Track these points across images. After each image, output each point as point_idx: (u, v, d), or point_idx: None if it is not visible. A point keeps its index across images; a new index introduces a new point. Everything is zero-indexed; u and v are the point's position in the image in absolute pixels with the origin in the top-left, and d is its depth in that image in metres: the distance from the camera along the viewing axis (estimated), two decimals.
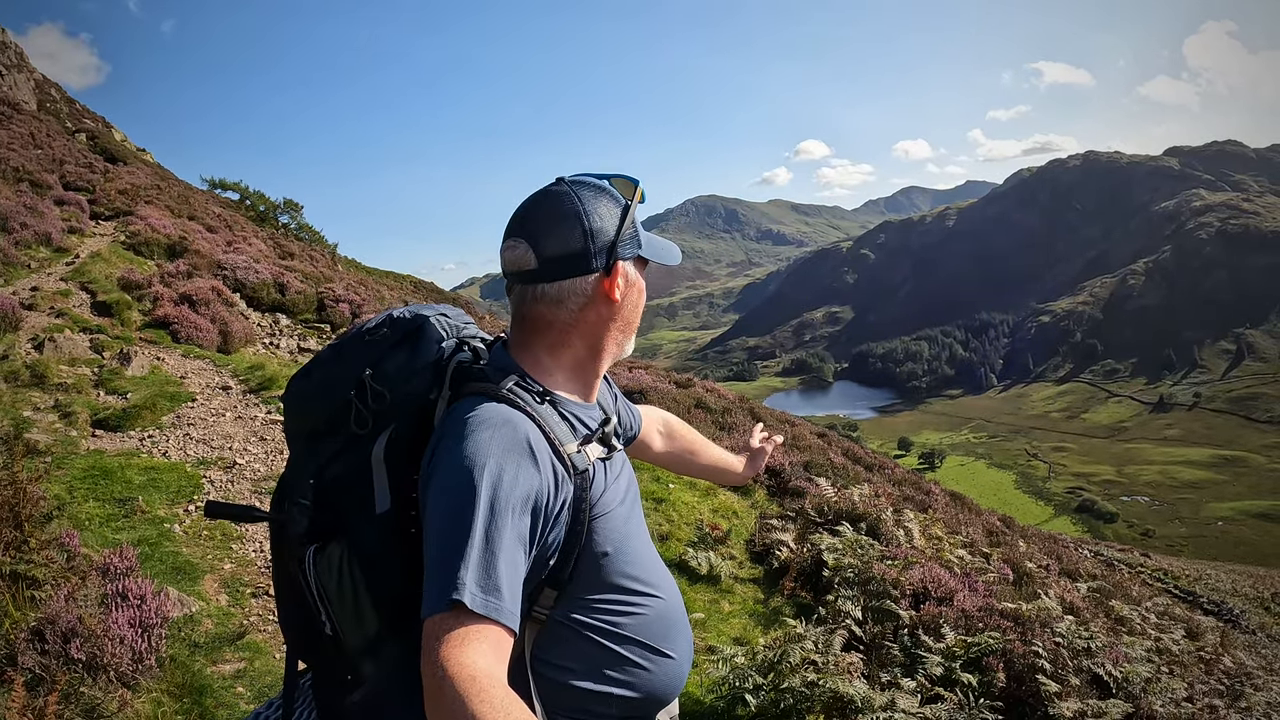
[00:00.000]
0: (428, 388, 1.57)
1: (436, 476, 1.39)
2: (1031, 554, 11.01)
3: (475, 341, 1.68)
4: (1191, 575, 29.56)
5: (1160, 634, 8.57)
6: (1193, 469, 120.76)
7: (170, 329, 11.26)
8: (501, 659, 1.24)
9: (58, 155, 24.24)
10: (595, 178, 1.62)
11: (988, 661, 5.03)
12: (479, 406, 1.48)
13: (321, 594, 1.46)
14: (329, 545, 1.48)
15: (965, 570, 7.11)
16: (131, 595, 3.65)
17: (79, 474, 5.95)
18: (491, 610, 1.25)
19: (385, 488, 1.48)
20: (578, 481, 1.52)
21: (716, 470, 2.46)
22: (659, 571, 1.75)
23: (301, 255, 25.06)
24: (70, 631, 3.27)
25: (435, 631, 1.22)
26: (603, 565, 1.57)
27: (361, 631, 1.45)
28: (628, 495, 1.71)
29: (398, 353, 1.57)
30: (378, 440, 1.50)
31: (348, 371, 1.55)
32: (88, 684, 3.20)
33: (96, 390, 8.19)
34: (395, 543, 1.46)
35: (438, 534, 1.32)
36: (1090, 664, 5.44)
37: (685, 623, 1.80)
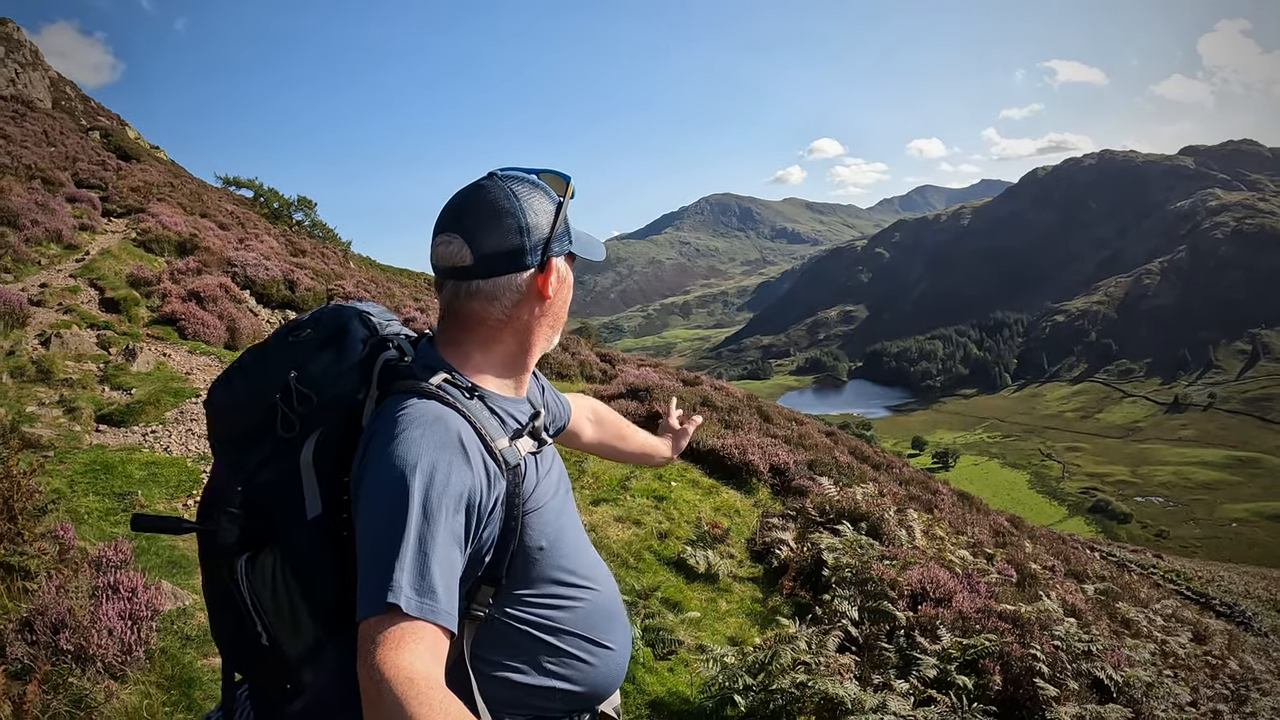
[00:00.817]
0: (355, 388, 1.54)
1: (367, 477, 1.37)
2: (1037, 555, 10.97)
3: (400, 340, 1.66)
4: (1204, 577, 29.43)
5: (1167, 637, 8.55)
6: (1207, 470, 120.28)
7: (177, 325, 11.32)
8: (439, 660, 1.23)
9: (71, 153, 24.39)
10: (525, 172, 1.62)
11: (984, 664, 5.00)
12: (408, 404, 1.46)
13: (256, 604, 1.43)
14: (261, 554, 1.45)
15: (967, 571, 7.07)
16: (123, 588, 3.67)
17: (80, 468, 6.00)
18: (427, 612, 1.23)
19: (316, 492, 1.45)
20: (510, 477, 1.51)
21: (643, 454, 2.47)
22: (594, 564, 1.75)
23: (313, 253, 25.15)
24: (60, 623, 3.30)
25: (370, 634, 1.20)
26: (538, 560, 1.56)
27: (299, 640, 1.43)
28: (559, 488, 1.70)
29: (323, 354, 1.54)
30: (305, 444, 1.47)
31: (272, 375, 1.52)
32: (76, 675, 3.23)
33: (101, 386, 8.24)
34: (329, 548, 1.43)
35: (371, 536, 1.31)
36: (1091, 668, 5.41)
37: (622, 614, 1.80)
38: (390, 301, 18.93)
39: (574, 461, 8.68)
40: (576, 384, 14.75)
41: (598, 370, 16.31)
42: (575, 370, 15.94)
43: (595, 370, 16.25)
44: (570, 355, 16.76)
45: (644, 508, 7.74)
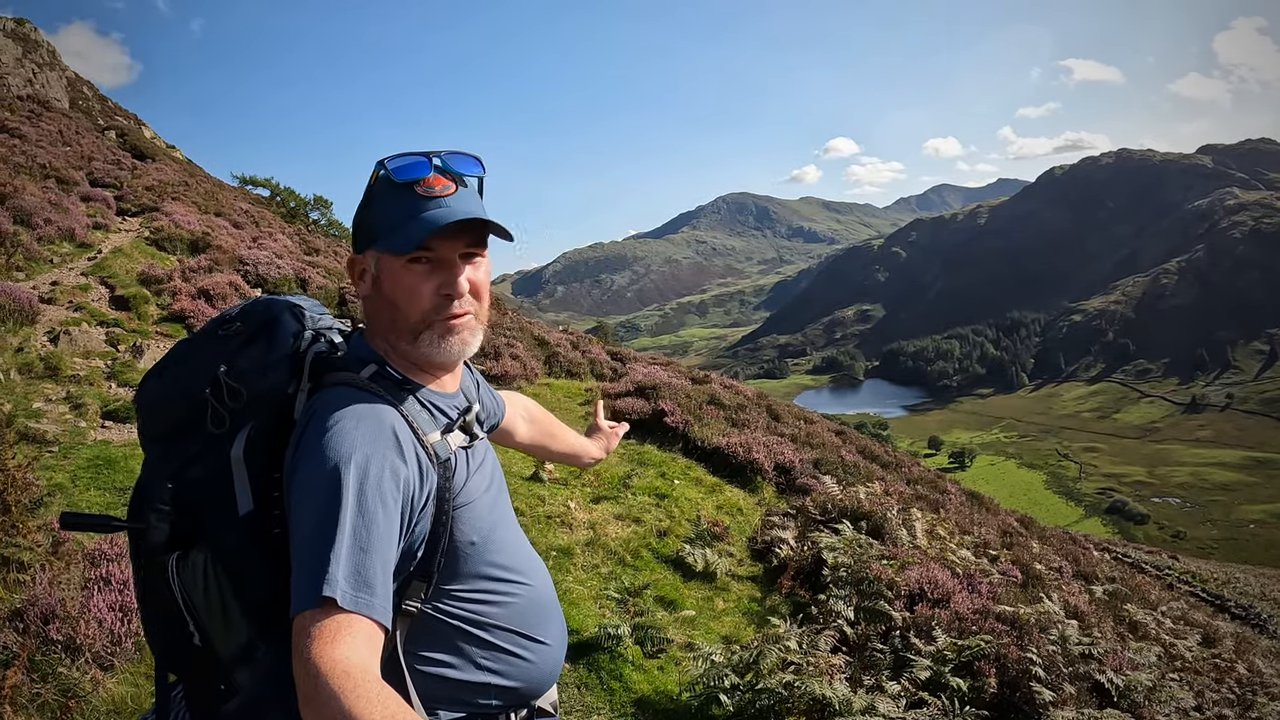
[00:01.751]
0: (285, 381, 1.53)
1: (300, 471, 1.37)
2: (1044, 556, 10.90)
3: (332, 333, 1.66)
4: (1220, 578, 29.23)
5: (1174, 640, 8.49)
6: (1225, 471, 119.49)
7: (186, 323, 11.38)
8: (374, 653, 1.23)
9: (86, 152, 24.52)
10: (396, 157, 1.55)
11: (979, 666, 4.98)
12: (340, 397, 1.46)
13: (188, 603, 1.40)
14: (191, 552, 1.43)
15: (968, 572, 7.05)
16: (115, 580, 3.73)
17: (83, 463, 6.05)
18: (363, 606, 1.23)
19: (247, 488, 1.44)
20: (440, 471, 1.50)
21: (571, 454, 2.43)
22: (528, 558, 1.73)
23: (327, 251, 25.20)
24: (50, 613, 3.36)
25: (305, 628, 1.20)
26: (469, 555, 1.54)
27: (232, 639, 1.40)
28: (492, 483, 1.68)
29: (252, 347, 1.53)
30: (236, 439, 1.46)
31: (202, 369, 1.51)
32: (65, 665, 3.27)
33: (109, 382, 8.31)
34: (260, 545, 1.42)
35: (304, 530, 1.30)
36: (1090, 670, 5.39)
37: (557, 609, 1.79)
38: None
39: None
40: (586, 381, 14.77)
41: (608, 369, 16.32)
42: (585, 368, 15.95)
43: (605, 368, 16.27)
44: (580, 353, 16.77)
45: (645, 505, 7.76)
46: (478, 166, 1.60)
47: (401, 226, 1.49)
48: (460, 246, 1.54)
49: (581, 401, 12.26)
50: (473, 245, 1.56)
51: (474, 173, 1.59)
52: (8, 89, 31.21)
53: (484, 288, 1.59)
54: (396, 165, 1.51)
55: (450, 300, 1.53)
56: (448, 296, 1.53)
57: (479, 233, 1.55)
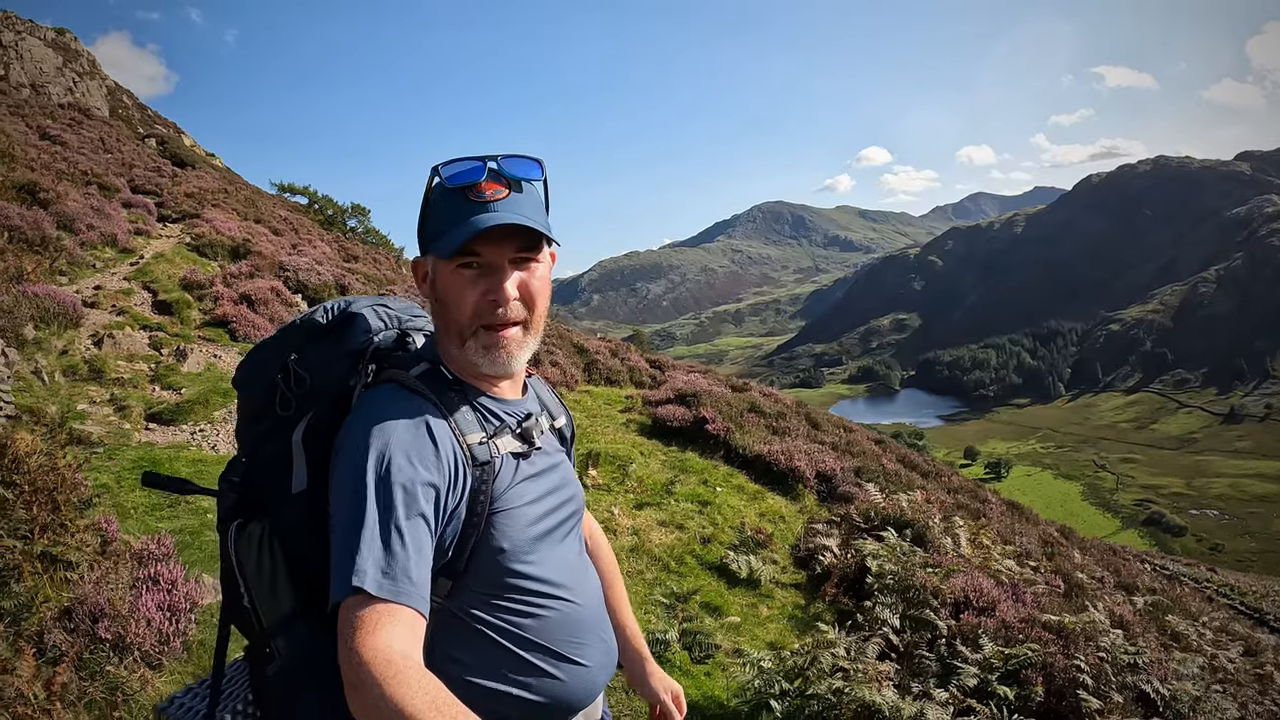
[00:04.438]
0: (347, 374, 1.59)
1: (339, 460, 1.43)
2: (1086, 566, 10.80)
3: (419, 334, 1.72)
4: (1259, 591, 28.77)
5: (1216, 651, 8.36)
6: (1264, 482, 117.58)
7: (228, 328, 11.48)
8: (416, 641, 1.26)
9: (127, 159, 24.85)
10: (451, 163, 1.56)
11: (1026, 674, 4.96)
12: (384, 394, 1.52)
13: (241, 568, 1.48)
14: (251, 522, 1.51)
15: (1012, 580, 6.98)
16: (163, 580, 3.75)
17: (128, 464, 6.11)
18: (400, 595, 1.27)
19: (303, 469, 1.51)
20: (477, 473, 1.52)
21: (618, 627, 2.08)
22: (576, 577, 1.71)
23: (365, 259, 25.39)
24: (99, 612, 3.37)
25: (348, 617, 1.24)
26: (500, 561, 1.54)
27: (276, 608, 1.47)
28: (550, 499, 1.67)
29: (324, 339, 1.62)
30: (300, 424, 1.54)
31: (277, 356, 1.60)
32: (113, 663, 3.28)
33: (152, 385, 8.39)
34: (311, 522, 1.47)
35: (341, 518, 1.35)
36: (1136, 680, 5.32)
37: (601, 632, 1.75)
38: None
39: (617, 465, 8.68)
40: (625, 388, 14.79)
41: (647, 376, 16.34)
42: (624, 376, 15.97)
43: (645, 376, 16.28)
44: (619, 361, 16.79)
45: (688, 512, 7.75)
46: (536, 170, 1.60)
47: (450, 231, 1.51)
48: (510, 251, 1.54)
49: (621, 409, 12.25)
50: (524, 250, 1.56)
51: (532, 176, 1.59)
52: (49, 97, 31.73)
53: (538, 293, 1.59)
54: (450, 171, 1.53)
55: (495, 305, 1.54)
56: (493, 301, 1.54)
57: (530, 237, 1.56)
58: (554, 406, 1.87)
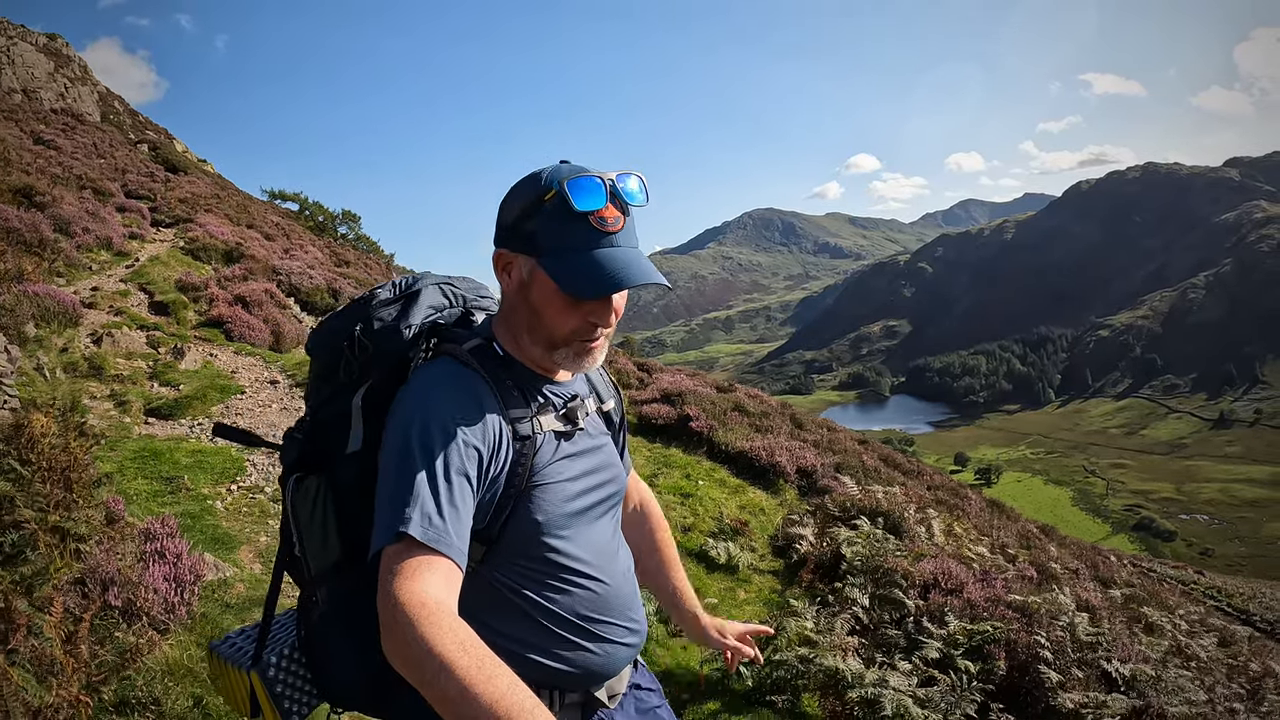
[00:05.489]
0: (407, 346, 1.67)
1: (391, 422, 1.52)
2: (1061, 558, 11.00)
3: (481, 314, 1.83)
4: (1246, 594, 28.99)
5: (1189, 640, 8.57)
6: (1254, 487, 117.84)
7: (224, 328, 11.69)
8: (452, 590, 1.34)
9: (120, 165, 25.02)
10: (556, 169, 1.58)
11: (989, 649, 5.13)
12: (437, 365, 1.62)
13: (296, 518, 1.62)
14: (309, 477, 1.64)
15: (984, 568, 7.18)
16: (169, 553, 3.97)
17: (129, 455, 6.32)
18: (440, 543, 1.34)
19: (360, 431, 1.60)
20: (518, 446, 1.59)
21: (673, 594, 2.22)
22: (608, 558, 1.76)
23: (357, 263, 25.55)
24: (109, 580, 3.59)
25: (388, 564, 1.32)
26: (534, 533, 1.61)
27: (324, 558, 1.61)
28: (589, 478, 1.73)
29: (387, 312, 1.70)
30: (360, 389, 1.64)
31: (345, 325, 1.70)
32: (122, 629, 3.50)
33: (150, 382, 8.60)
34: (364, 482, 1.54)
35: (389, 474, 1.43)
36: (1097, 658, 5.51)
37: (629, 611, 1.79)
38: None
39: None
40: None
41: (634, 378, 16.49)
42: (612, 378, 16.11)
43: (632, 379, 16.43)
44: (607, 364, 16.93)
45: (669, 504, 7.96)
46: (644, 197, 1.61)
47: (573, 260, 1.53)
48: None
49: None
50: None
51: (639, 204, 1.60)
52: (41, 103, 31.81)
53: (621, 310, 1.65)
54: (576, 192, 1.52)
55: (596, 328, 1.62)
56: (595, 325, 1.61)
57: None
58: (604, 390, 1.92)
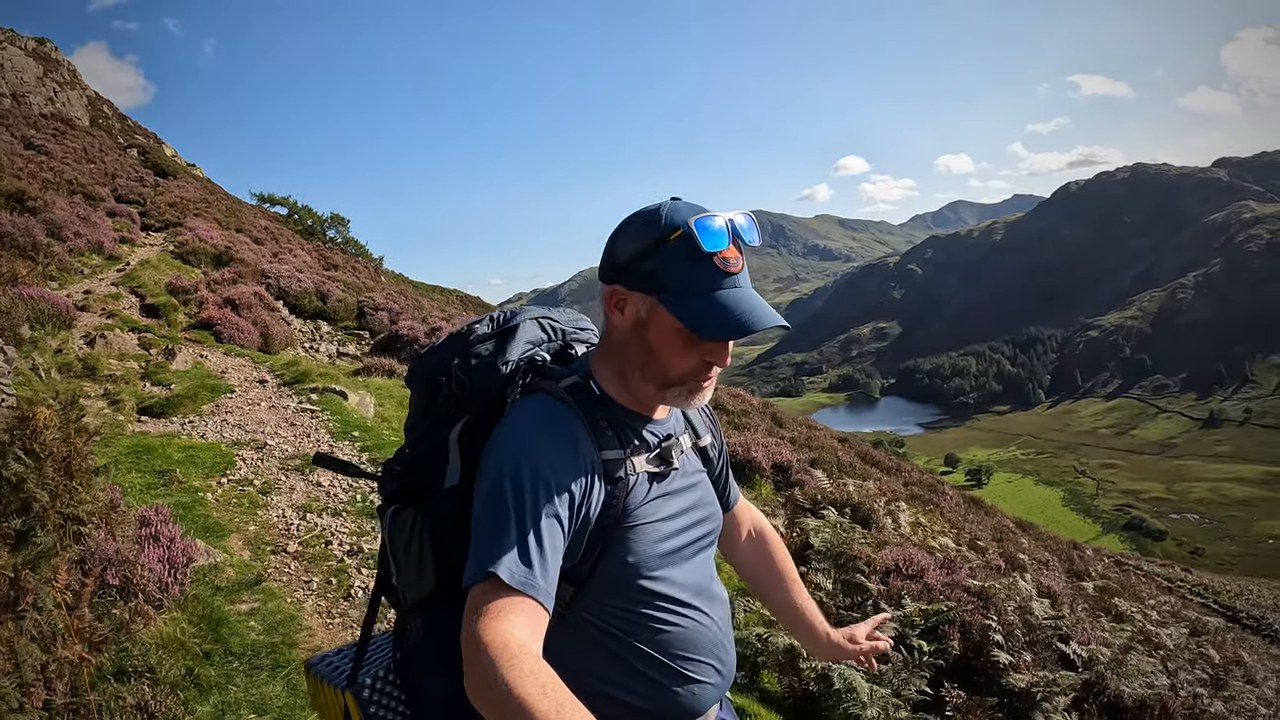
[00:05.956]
0: (504, 382, 1.67)
1: (487, 461, 1.52)
2: (1034, 550, 11.27)
3: (581, 346, 1.84)
4: (1233, 591, 29.22)
5: (1157, 629, 8.84)
6: (1244, 486, 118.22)
7: (214, 330, 11.96)
8: (536, 633, 1.32)
9: (110, 169, 25.23)
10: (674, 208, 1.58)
11: (943, 630, 5.36)
12: (533, 403, 1.60)
13: (392, 548, 1.66)
14: (406, 509, 1.66)
15: (948, 556, 7.44)
16: (163, 537, 4.24)
17: (123, 450, 6.58)
18: (527, 586, 1.34)
19: (457, 466, 1.61)
20: (610, 488, 1.58)
21: (795, 611, 2.17)
22: (702, 596, 1.74)
23: (345, 267, 25.73)
24: (108, 561, 3.84)
25: (474, 604, 1.32)
26: (625, 575, 1.60)
27: (419, 588, 1.62)
28: (683, 518, 1.72)
29: (485, 347, 1.71)
30: (457, 424, 1.65)
31: (443, 360, 1.71)
32: (119, 606, 3.76)
33: (143, 382, 8.88)
34: (460, 515, 1.54)
35: (482, 512, 1.45)
36: (1052, 638, 5.77)
37: (719, 652, 1.76)
38: (419, 313, 19.49)
39: None
40: None
41: None
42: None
43: None
44: None
45: None
46: (756, 237, 1.60)
47: (698, 300, 1.53)
48: None
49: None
50: None
51: (754, 243, 1.59)
52: (30, 107, 31.90)
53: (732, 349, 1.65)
54: (704, 233, 1.51)
55: (711, 367, 1.62)
56: (711, 364, 1.61)
57: None
58: (700, 425, 1.90)
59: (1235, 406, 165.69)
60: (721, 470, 1.98)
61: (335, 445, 7.81)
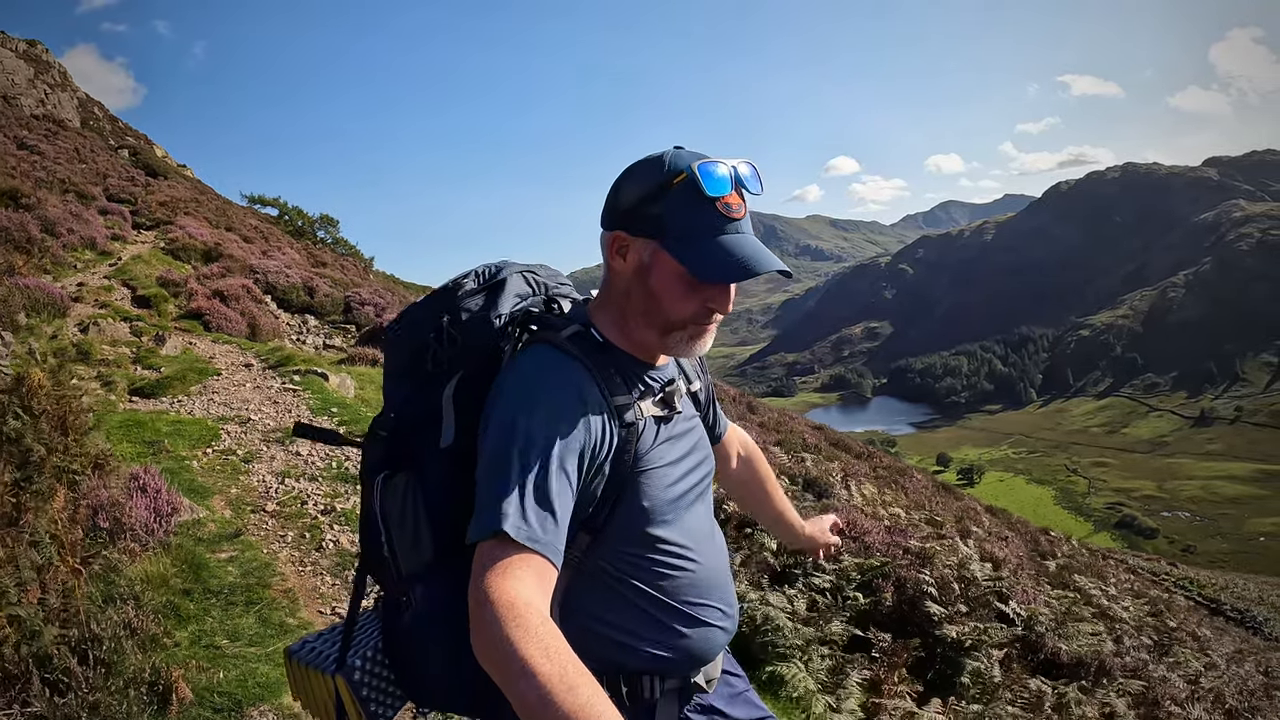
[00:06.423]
0: (498, 335, 1.65)
1: (490, 415, 1.51)
2: (993, 528, 11.54)
3: (564, 301, 1.80)
4: (1219, 584, 29.38)
5: (1111, 603, 9.17)
6: (1235, 484, 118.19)
7: (203, 320, 12.39)
8: (544, 590, 1.31)
9: (101, 169, 25.58)
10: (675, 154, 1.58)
11: (878, 584, 5.75)
12: (536, 353, 1.59)
13: (385, 518, 1.59)
14: (397, 474, 1.61)
15: (897, 524, 7.79)
16: (150, 489, 4.64)
17: (115, 425, 7.02)
18: (534, 541, 1.32)
19: (452, 425, 1.58)
20: (623, 433, 1.57)
21: (779, 518, 2.35)
22: (705, 539, 1.76)
23: (333, 265, 25.94)
24: (99, 506, 4.25)
25: (481, 560, 1.31)
26: (639, 519, 1.60)
27: (415, 558, 1.57)
28: (686, 461, 1.73)
29: (474, 301, 1.68)
30: (450, 382, 1.61)
31: (429, 316, 1.67)
32: (109, 549, 4.16)
33: (134, 365, 9.31)
34: (456, 475, 1.54)
35: (488, 468, 1.42)
36: (994, 599, 6.10)
37: (724, 593, 1.79)
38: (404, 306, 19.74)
39: None
40: None
41: None
42: None
43: None
44: None
45: None
46: (759, 186, 1.61)
47: (701, 244, 1.53)
48: None
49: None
50: None
51: (756, 192, 1.60)
52: (22, 109, 32.15)
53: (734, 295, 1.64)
54: (706, 177, 1.52)
55: (713, 312, 1.61)
56: (713, 309, 1.61)
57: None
58: (690, 371, 1.90)
59: (1226, 405, 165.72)
60: (709, 408, 2.02)
61: (315, 419, 8.24)
